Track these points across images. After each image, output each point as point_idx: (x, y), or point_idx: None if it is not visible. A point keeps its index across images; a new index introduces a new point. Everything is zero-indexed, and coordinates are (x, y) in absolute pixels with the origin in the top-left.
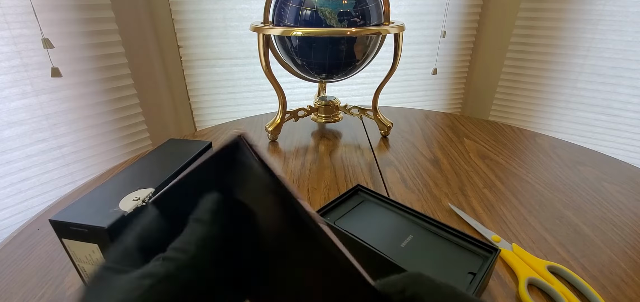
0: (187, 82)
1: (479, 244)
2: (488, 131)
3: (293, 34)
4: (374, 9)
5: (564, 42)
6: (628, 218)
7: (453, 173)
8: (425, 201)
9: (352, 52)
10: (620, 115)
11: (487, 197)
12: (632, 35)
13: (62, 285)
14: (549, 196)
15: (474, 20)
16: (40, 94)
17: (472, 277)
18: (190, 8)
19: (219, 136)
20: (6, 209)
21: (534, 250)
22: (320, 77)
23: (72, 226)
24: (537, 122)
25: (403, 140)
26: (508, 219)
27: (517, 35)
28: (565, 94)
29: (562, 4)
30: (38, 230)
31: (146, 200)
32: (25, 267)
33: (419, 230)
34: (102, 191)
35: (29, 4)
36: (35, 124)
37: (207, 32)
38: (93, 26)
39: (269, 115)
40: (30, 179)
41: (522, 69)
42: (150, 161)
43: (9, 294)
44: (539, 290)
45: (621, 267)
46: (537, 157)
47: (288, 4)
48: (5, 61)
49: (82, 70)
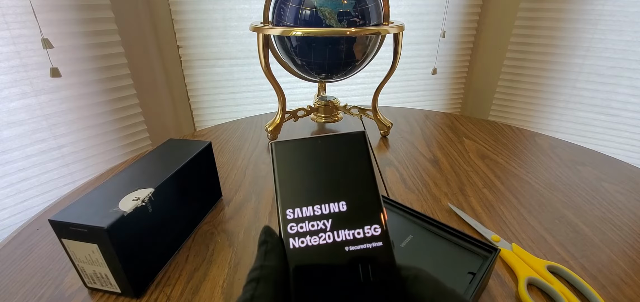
0: (187, 82)
1: (479, 244)
2: (488, 131)
3: (293, 34)
4: (373, 9)
5: (563, 42)
6: (627, 218)
7: (453, 173)
8: (424, 201)
9: (352, 52)
10: (619, 115)
11: (486, 197)
12: (631, 35)
13: (62, 285)
14: (549, 196)
15: (473, 21)
16: (39, 94)
17: (471, 277)
18: (190, 8)
19: (219, 136)
20: (6, 209)
21: (534, 250)
22: (320, 77)
23: (71, 226)
24: (537, 122)
25: (403, 140)
26: (508, 219)
27: (517, 35)
28: (565, 94)
29: (561, 4)
30: (38, 230)
31: (146, 200)
32: (25, 267)
33: (418, 230)
34: (102, 191)
35: (28, 4)
36: (34, 124)
37: (206, 32)
38: (93, 26)
39: (269, 115)
40: (29, 179)
41: (521, 69)
42: (150, 161)
43: (9, 294)
44: (539, 290)
45: (621, 267)
46: (537, 157)
47: (288, 4)
48: (5, 61)
49: (82, 70)
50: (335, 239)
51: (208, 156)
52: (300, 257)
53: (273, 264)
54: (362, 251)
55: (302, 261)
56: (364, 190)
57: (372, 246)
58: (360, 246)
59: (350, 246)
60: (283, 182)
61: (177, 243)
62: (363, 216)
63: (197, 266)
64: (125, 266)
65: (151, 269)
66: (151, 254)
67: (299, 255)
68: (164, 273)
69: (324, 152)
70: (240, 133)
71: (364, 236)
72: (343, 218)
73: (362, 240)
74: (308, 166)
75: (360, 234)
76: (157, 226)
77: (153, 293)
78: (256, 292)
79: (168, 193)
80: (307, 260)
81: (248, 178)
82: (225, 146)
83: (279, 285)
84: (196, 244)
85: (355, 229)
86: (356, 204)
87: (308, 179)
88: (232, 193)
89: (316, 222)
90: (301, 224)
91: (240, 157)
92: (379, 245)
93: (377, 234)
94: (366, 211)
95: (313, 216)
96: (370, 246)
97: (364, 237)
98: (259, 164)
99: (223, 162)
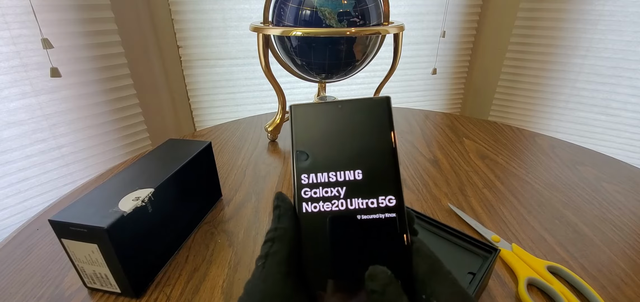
0: (187, 82)
1: (479, 244)
2: (488, 131)
3: (293, 34)
4: (373, 9)
5: (563, 42)
6: (627, 218)
7: (453, 173)
8: (424, 201)
9: (352, 52)
10: (619, 115)
11: (486, 197)
12: (631, 36)
13: (62, 285)
14: (549, 196)
15: (473, 21)
16: (39, 94)
17: (472, 277)
18: (190, 8)
19: (219, 136)
20: (6, 209)
21: (534, 250)
22: (320, 77)
23: (71, 226)
24: (537, 122)
25: (403, 140)
26: (508, 219)
27: (517, 36)
28: (565, 94)
29: (561, 4)
30: (38, 230)
31: (146, 200)
32: (25, 267)
33: (418, 230)
34: (102, 191)
35: (28, 4)
36: (34, 124)
37: (206, 32)
38: (93, 26)
39: (269, 115)
40: (29, 179)
41: (521, 69)
42: (150, 161)
43: (9, 294)
44: (539, 290)
45: (620, 267)
46: (537, 157)
47: (288, 4)
48: (5, 61)
49: (82, 70)
50: (348, 207)
51: (208, 156)
52: (311, 221)
53: (285, 226)
54: (374, 220)
55: (313, 224)
56: (382, 159)
57: (385, 216)
58: (373, 215)
59: (362, 215)
60: (300, 146)
61: (177, 243)
62: (378, 186)
63: (197, 266)
64: (125, 266)
65: (151, 269)
66: (151, 254)
67: (310, 219)
68: (164, 273)
69: (343, 118)
70: (240, 133)
71: (377, 206)
72: (358, 187)
73: (376, 209)
74: (326, 131)
75: (374, 203)
76: (157, 226)
77: (153, 293)
78: (271, 249)
79: (168, 193)
80: (319, 224)
81: (248, 178)
82: (225, 146)
83: (292, 243)
84: (196, 244)
85: (369, 199)
86: (373, 174)
87: (325, 145)
88: (232, 193)
89: (330, 188)
90: (315, 190)
91: (240, 157)
92: (392, 216)
93: (392, 205)
94: (382, 181)
95: (328, 182)
96: (382, 216)
97: (378, 207)
98: (259, 164)
99: (223, 162)
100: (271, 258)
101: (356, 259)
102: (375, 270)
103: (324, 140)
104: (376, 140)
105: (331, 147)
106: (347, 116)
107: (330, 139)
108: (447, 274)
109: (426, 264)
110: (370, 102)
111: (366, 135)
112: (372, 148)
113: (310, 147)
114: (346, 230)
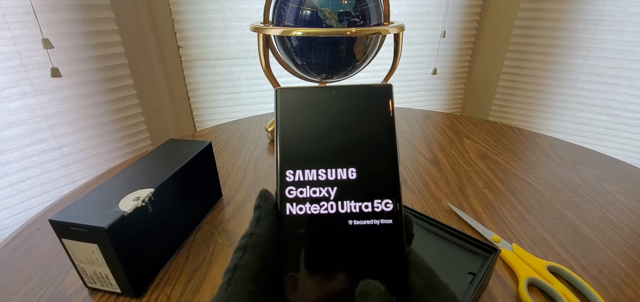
0: (187, 82)
1: (479, 244)
2: (488, 131)
3: (293, 34)
4: (374, 9)
5: (563, 42)
6: (628, 218)
7: (453, 173)
8: (425, 201)
9: (352, 52)
10: (619, 115)
11: (487, 197)
12: (631, 36)
13: (62, 285)
14: (549, 196)
15: (473, 21)
16: (40, 94)
17: (472, 277)
18: (190, 8)
19: (219, 136)
20: (6, 209)
21: (534, 250)
22: (320, 77)
23: (72, 226)
24: (537, 122)
25: (403, 141)
26: (508, 219)
27: (517, 36)
28: (565, 94)
29: (561, 4)
30: (38, 230)
31: (146, 200)
32: (25, 267)
33: (419, 230)
34: (102, 191)
35: (28, 4)
36: (35, 124)
37: (206, 33)
38: (93, 26)
39: (269, 115)
40: (30, 179)
41: (521, 69)
42: (150, 161)
43: (9, 294)
44: (539, 290)
45: (621, 267)
46: (537, 157)
47: (288, 4)
48: (5, 61)
49: (82, 70)
50: (338, 210)
51: (208, 156)
52: (296, 226)
53: (262, 233)
54: (367, 227)
55: (297, 230)
56: (379, 157)
57: (380, 222)
58: (366, 221)
59: (354, 220)
60: (285, 137)
61: (177, 243)
62: (374, 187)
63: (198, 266)
64: (125, 266)
65: (151, 269)
66: (151, 254)
67: (295, 223)
68: (164, 273)
69: (338, 107)
70: (240, 133)
71: (372, 210)
72: (351, 187)
73: (370, 215)
74: (317, 121)
75: (369, 207)
76: (157, 226)
77: (153, 293)
78: (241, 261)
79: (168, 193)
80: (304, 229)
81: (248, 178)
82: (226, 146)
83: (266, 255)
84: (196, 244)
85: (363, 202)
86: (368, 173)
87: (315, 137)
88: (233, 193)
89: (319, 188)
90: (301, 189)
91: (241, 157)
92: (389, 223)
93: (388, 211)
94: (378, 182)
95: (316, 181)
96: (377, 222)
97: (373, 211)
98: (259, 164)
99: (223, 162)
100: (239, 273)
101: (345, 271)
102: (367, 286)
103: (314, 131)
104: (374, 134)
105: (322, 141)
106: (342, 105)
107: (321, 130)
108: (445, 290)
109: (423, 279)
110: (369, 90)
111: (363, 129)
112: (369, 144)
113: (297, 139)
114: (335, 237)
